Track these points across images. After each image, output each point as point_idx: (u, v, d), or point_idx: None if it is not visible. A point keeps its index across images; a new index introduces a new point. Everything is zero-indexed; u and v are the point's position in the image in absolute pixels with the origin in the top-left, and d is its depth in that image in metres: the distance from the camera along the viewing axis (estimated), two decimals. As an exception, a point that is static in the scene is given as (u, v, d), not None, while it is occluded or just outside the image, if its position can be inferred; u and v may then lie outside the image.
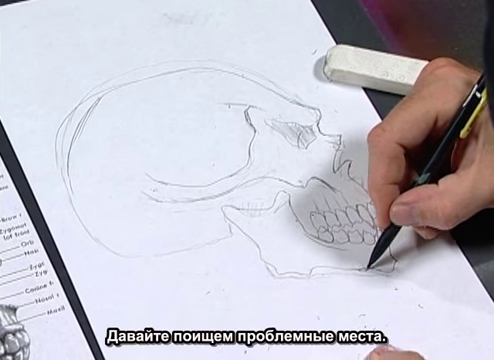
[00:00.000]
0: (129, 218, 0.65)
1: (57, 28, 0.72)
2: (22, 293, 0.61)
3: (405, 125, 0.63)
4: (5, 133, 0.67)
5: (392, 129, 0.63)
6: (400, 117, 0.63)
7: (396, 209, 0.63)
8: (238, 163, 0.68)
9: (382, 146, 0.63)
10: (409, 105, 0.63)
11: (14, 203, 0.64)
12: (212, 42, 0.73)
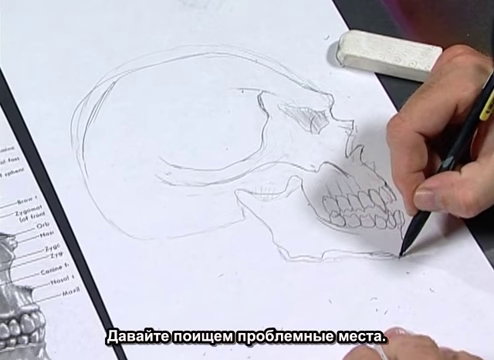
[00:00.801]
0: (143, 201, 0.65)
1: (72, 13, 0.72)
2: (38, 274, 0.62)
3: (425, 114, 0.63)
4: (21, 116, 0.67)
5: (411, 118, 0.63)
6: (419, 106, 0.63)
7: (419, 194, 0.63)
8: (251, 147, 0.68)
9: (402, 136, 0.63)
10: (429, 94, 0.63)
11: (30, 185, 0.65)
12: (226, 27, 0.73)
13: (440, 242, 0.66)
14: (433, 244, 0.66)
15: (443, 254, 0.66)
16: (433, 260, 0.65)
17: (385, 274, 0.64)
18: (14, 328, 0.60)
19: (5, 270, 0.61)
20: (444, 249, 0.66)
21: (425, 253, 0.66)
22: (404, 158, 0.63)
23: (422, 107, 0.63)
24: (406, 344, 0.59)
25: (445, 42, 0.72)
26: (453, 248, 0.66)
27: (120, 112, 0.68)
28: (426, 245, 0.66)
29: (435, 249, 0.66)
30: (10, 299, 0.61)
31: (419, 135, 0.63)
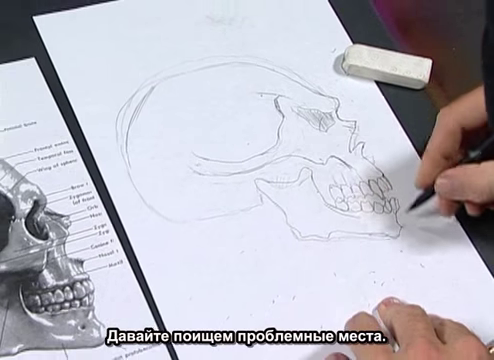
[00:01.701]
0: (177, 188, 0.65)
1: (119, 28, 0.72)
2: (88, 249, 0.62)
3: (468, 109, 0.63)
4: (75, 116, 0.67)
5: (457, 109, 0.63)
6: (467, 101, 0.63)
7: (441, 181, 0.63)
8: (269, 143, 0.68)
9: (445, 122, 0.64)
10: (477, 94, 0.62)
11: (81, 174, 0.65)
12: (247, 41, 0.73)
13: (430, 227, 0.66)
14: (424, 229, 0.66)
15: (433, 237, 0.66)
16: (423, 241, 0.65)
17: (382, 251, 0.65)
18: (68, 294, 0.60)
19: (60, 245, 0.62)
20: (434, 233, 0.66)
21: (416, 235, 0.65)
22: (439, 139, 0.64)
23: (468, 103, 0.63)
24: (400, 312, 0.59)
25: (434, 55, 0.72)
26: (442, 232, 0.66)
27: (158, 113, 0.69)
28: (418, 229, 0.66)
29: (426, 233, 0.66)
30: (65, 269, 0.61)
31: (458, 125, 0.63)
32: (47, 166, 0.65)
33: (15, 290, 0.60)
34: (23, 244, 0.61)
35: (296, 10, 0.75)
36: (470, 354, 0.54)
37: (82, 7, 0.72)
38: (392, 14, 0.76)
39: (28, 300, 0.59)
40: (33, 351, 0.58)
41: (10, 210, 0.62)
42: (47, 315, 0.59)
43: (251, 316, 0.61)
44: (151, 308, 0.60)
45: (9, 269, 0.60)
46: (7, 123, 0.66)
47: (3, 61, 0.68)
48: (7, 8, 0.70)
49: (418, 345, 0.54)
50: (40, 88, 0.68)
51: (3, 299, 0.59)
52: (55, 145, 0.66)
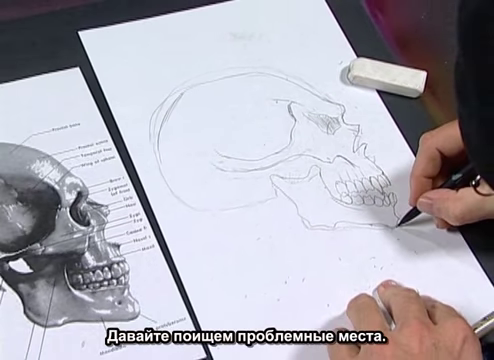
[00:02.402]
0: (202, 182, 0.66)
1: (153, 42, 0.72)
2: (124, 234, 0.62)
3: (447, 138, 0.62)
4: (113, 117, 0.67)
5: (437, 137, 0.63)
6: (446, 131, 0.63)
7: (422, 200, 0.63)
8: (282, 144, 0.68)
9: (426, 148, 0.63)
10: (455, 125, 0.60)
11: (119, 169, 0.65)
12: (264, 54, 0.73)
13: (425, 221, 0.65)
14: (419, 222, 0.65)
15: (427, 229, 0.65)
16: (418, 232, 0.65)
17: (381, 240, 0.65)
18: (106, 274, 0.60)
19: (100, 231, 0.62)
20: (427, 226, 0.65)
21: (412, 227, 0.65)
22: (422, 164, 0.63)
23: (447, 132, 0.62)
24: (397, 294, 0.59)
25: (429, 68, 0.72)
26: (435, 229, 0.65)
27: (185, 116, 0.69)
28: (414, 222, 0.65)
29: (420, 225, 0.65)
30: (104, 252, 0.61)
31: (438, 151, 0.63)
32: (89, 162, 0.65)
33: (61, 270, 0.60)
34: (68, 230, 0.62)
35: (307, 27, 0.75)
36: (457, 334, 0.54)
37: (121, 23, 0.72)
38: (392, 32, 0.76)
39: (72, 279, 0.60)
40: (76, 323, 0.58)
41: (57, 200, 0.63)
42: (88, 292, 0.60)
43: (265, 295, 0.61)
44: (178, 286, 0.60)
45: (56, 251, 0.61)
46: (55, 124, 0.66)
47: (52, 70, 0.68)
48: (56, 24, 0.71)
49: (412, 325, 0.55)
50: (83, 94, 0.68)
51: (50, 278, 0.60)
52: (96, 143, 0.66)
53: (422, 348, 0.53)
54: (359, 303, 0.59)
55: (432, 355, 0.53)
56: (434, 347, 0.54)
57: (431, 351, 0.53)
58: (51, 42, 0.70)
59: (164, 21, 0.73)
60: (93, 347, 0.57)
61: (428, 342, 0.54)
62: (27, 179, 0.63)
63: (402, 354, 0.53)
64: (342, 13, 0.75)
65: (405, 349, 0.53)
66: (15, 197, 0.62)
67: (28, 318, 0.58)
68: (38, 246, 0.60)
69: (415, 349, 0.53)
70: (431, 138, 0.63)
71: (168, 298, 0.60)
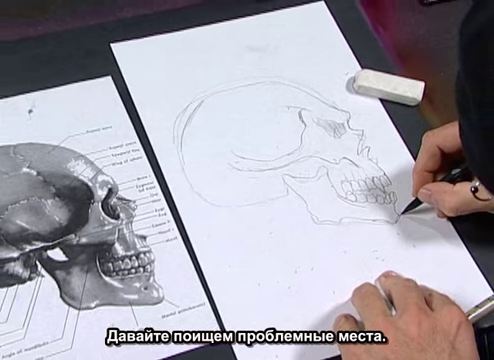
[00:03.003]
0: (220, 180, 0.65)
1: (177, 53, 0.72)
2: (150, 227, 0.62)
3: (447, 136, 0.62)
4: (141, 121, 0.67)
5: (438, 135, 0.62)
6: (447, 129, 0.62)
7: (422, 191, 0.63)
8: (293, 146, 0.68)
9: (428, 145, 0.63)
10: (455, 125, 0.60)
11: (145, 168, 0.65)
12: (278, 65, 0.72)
13: (423, 218, 0.65)
14: (417, 219, 0.65)
15: (424, 226, 0.65)
16: (416, 228, 0.65)
17: (383, 234, 0.64)
18: (134, 262, 0.60)
19: (129, 223, 0.62)
20: (425, 223, 0.65)
21: (411, 222, 0.65)
22: (423, 159, 0.63)
23: (448, 131, 0.62)
24: (397, 283, 0.59)
25: (426, 78, 0.72)
26: (431, 223, 0.65)
27: (206, 120, 0.68)
28: (412, 218, 0.65)
29: (419, 221, 0.65)
30: (132, 243, 0.61)
31: (438, 149, 0.62)
32: (119, 161, 0.65)
33: (93, 258, 0.60)
34: (100, 222, 0.62)
35: (316, 41, 0.74)
36: (453, 319, 0.54)
37: (148, 37, 0.72)
38: (393, 46, 0.75)
39: (103, 266, 0.60)
40: (106, 306, 0.58)
41: (90, 195, 0.63)
42: (117, 278, 0.60)
43: (278, 283, 0.61)
44: (198, 274, 0.60)
45: (89, 242, 0.61)
46: (89, 127, 0.66)
47: (86, 78, 0.68)
48: (90, 38, 0.71)
49: (411, 311, 0.55)
50: (115, 100, 0.68)
51: (84, 265, 0.60)
52: (125, 145, 0.66)
53: (420, 332, 0.53)
54: (363, 291, 0.59)
55: (430, 338, 0.53)
56: (431, 331, 0.53)
57: (429, 334, 0.53)
58: (86, 54, 0.70)
59: (187, 35, 0.73)
60: (122, 327, 0.57)
61: (426, 326, 0.54)
62: (64, 176, 0.63)
63: (402, 337, 0.53)
64: (348, 29, 0.75)
65: (405, 333, 0.53)
66: (53, 193, 0.62)
67: (64, 301, 0.58)
68: (73, 237, 0.61)
69: (414, 332, 0.53)
70: (432, 136, 0.63)
71: (189, 285, 0.60)
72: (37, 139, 0.65)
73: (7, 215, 0.61)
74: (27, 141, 0.65)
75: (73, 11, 0.72)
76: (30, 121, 0.66)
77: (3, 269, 0.59)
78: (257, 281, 0.61)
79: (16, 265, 0.59)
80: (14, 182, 0.62)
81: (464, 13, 0.74)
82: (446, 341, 0.53)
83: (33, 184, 0.62)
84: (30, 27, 0.70)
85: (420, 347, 0.52)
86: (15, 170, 0.63)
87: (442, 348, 0.53)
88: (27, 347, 0.56)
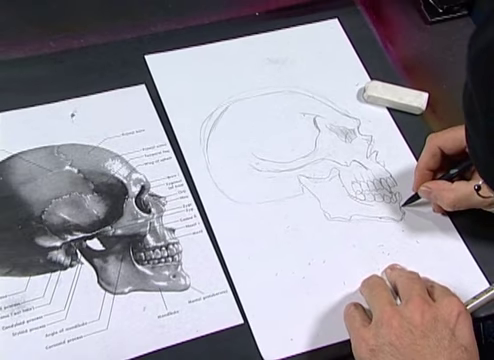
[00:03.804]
0: (242, 180, 0.65)
1: (205, 64, 0.71)
2: (178, 221, 0.62)
3: (448, 139, 0.61)
4: (171, 126, 0.67)
5: (440, 138, 0.62)
6: (448, 133, 0.62)
7: (422, 188, 0.62)
8: (308, 149, 0.67)
9: (430, 145, 0.62)
10: (456, 129, 0.62)
11: (174, 167, 0.65)
12: (295, 76, 0.72)
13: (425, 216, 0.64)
14: (421, 217, 0.64)
15: (427, 224, 0.64)
16: (419, 224, 0.64)
17: (388, 230, 0.63)
18: (163, 252, 0.60)
19: (159, 217, 0.62)
20: (428, 221, 0.64)
21: (415, 220, 0.64)
22: (425, 158, 0.62)
23: (449, 134, 0.62)
24: (401, 275, 0.58)
25: (430, 89, 0.71)
26: (433, 221, 0.64)
27: (229, 125, 0.68)
28: (416, 216, 0.64)
29: (422, 219, 0.64)
30: (162, 235, 0.61)
31: (439, 149, 0.62)
32: (151, 161, 0.65)
33: (127, 248, 0.60)
34: (133, 216, 0.61)
35: (330, 55, 0.74)
36: (453, 309, 0.54)
37: (178, 49, 0.71)
38: (400, 60, 0.74)
39: (136, 256, 0.60)
40: (139, 292, 0.58)
41: (125, 191, 0.63)
42: (149, 267, 0.59)
43: (293, 273, 0.60)
44: (222, 264, 0.60)
45: (123, 233, 0.61)
46: (124, 130, 0.66)
47: (122, 86, 0.68)
48: (127, 50, 0.70)
49: (415, 301, 0.54)
50: (148, 106, 0.68)
51: (119, 254, 0.60)
52: (157, 146, 0.66)
53: (423, 320, 0.53)
54: (370, 282, 0.59)
55: (432, 326, 0.53)
56: (433, 320, 0.53)
57: (431, 323, 0.53)
58: (123, 64, 0.70)
59: (214, 48, 0.72)
60: (152, 311, 0.57)
61: (428, 316, 0.53)
62: (101, 174, 0.63)
63: (406, 325, 0.53)
64: (359, 44, 0.74)
65: (409, 321, 0.53)
66: (92, 189, 0.62)
67: (101, 287, 0.58)
68: (109, 228, 0.61)
69: (418, 321, 0.53)
70: (435, 138, 0.62)
71: (213, 274, 0.60)
72: (78, 140, 0.65)
73: (51, 208, 0.61)
74: (69, 142, 0.65)
75: (112, 26, 0.72)
76: (72, 124, 0.66)
77: (47, 257, 0.59)
78: (274, 271, 0.60)
79: (59, 253, 0.59)
80: (57, 179, 0.62)
81: (464, 32, 0.75)
82: (446, 329, 0.53)
83: (74, 181, 0.62)
84: (74, 40, 0.70)
85: (423, 334, 0.52)
86: (58, 168, 0.63)
87: (443, 335, 0.52)
88: (68, 327, 0.56)
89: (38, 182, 0.62)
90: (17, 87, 0.66)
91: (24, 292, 0.57)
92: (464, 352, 0.52)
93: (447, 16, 0.76)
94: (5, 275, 0.57)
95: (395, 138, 0.69)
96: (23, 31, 0.70)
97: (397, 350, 0.52)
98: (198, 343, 0.56)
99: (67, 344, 0.55)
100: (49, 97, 0.66)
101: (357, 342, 0.54)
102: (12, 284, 0.57)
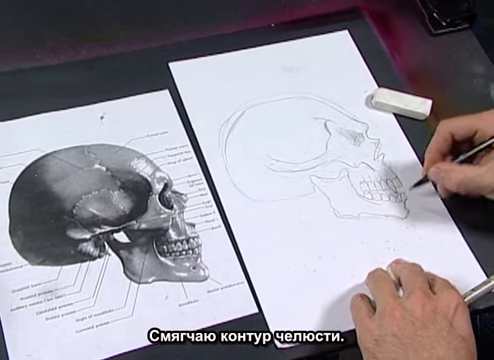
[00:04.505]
0: (257, 179, 0.64)
1: (224, 71, 0.71)
2: (198, 216, 0.62)
3: (459, 125, 0.61)
4: (192, 128, 0.67)
5: (452, 123, 0.62)
6: (460, 120, 0.62)
7: (432, 169, 0.62)
8: (320, 151, 0.67)
9: (442, 130, 0.62)
10: (467, 117, 0.61)
11: (195, 167, 0.64)
12: (308, 83, 0.71)
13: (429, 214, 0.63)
14: (424, 214, 0.63)
15: (429, 221, 0.63)
16: (422, 222, 0.63)
17: (394, 228, 0.63)
18: (184, 245, 0.60)
19: (181, 213, 0.61)
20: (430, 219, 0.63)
21: (418, 217, 0.63)
22: (436, 142, 0.62)
23: (460, 121, 0.61)
24: (405, 268, 0.58)
25: (434, 97, 0.70)
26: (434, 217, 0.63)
27: (246, 128, 0.67)
28: (420, 214, 0.63)
29: (425, 217, 0.63)
30: (183, 229, 0.61)
31: (450, 134, 0.61)
32: (173, 161, 0.65)
33: (151, 241, 0.60)
34: (157, 211, 0.61)
35: (340, 64, 0.73)
36: (451, 302, 0.53)
37: (199, 58, 0.71)
38: (405, 69, 0.73)
39: (159, 248, 0.60)
40: (161, 282, 0.58)
41: (149, 189, 0.63)
42: (171, 259, 0.59)
43: (304, 266, 0.60)
44: (238, 257, 0.60)
45: (147, 227, 0.61)
46: (149, 131, 0.66)
47: (147, 91, 0.68)
48: (152, 57, 0.70)
49: (416, 294, 0.54)
50: (171, 109, 0.67)
51: (143, 247, 0.59)
52: (179, 147, 0.65)
53: (424, 312, 0.52)
54: (376, 275, 0.58)
55: (431, 318, 0.52)
56: (433, 312, 0.53)
57: (431, 315, 0.52)
58: (148, 70, 0.69)
59: (233, 56, 0.72)
60: (174, 300, 0.57)
61: (428, 308, 0.53)
62: (128, 172, 0.63)
63: (408, 317, 0.52)
64: (367, 54, 0.73)
65: (410, 313, 0.52)
66: (119, 185, 0.62)
67: (126, 276, 0.58)
68: (134, 223, 0.60)
69: (418, 313, 0.52)
70: (448, 123, 0.62)
71: (230, 266, 0.59)
72: (107, 141, 0.65)
73: (81, 203, 0.61)
74: (98, 142, 0.65)
75: (138, 35, 0.71)
76: (101, 126, 0.66)
77: (77, 248, 0.59)
78: (287, 264, 0.60)
79: (88, 245, 0.59)
80: (87, 176, 0.62)
81: (465, 43, 0.74)
82: (445, 320, 0.52)
83: (103, 178, 0.62)
84: (103, 48, 0.70)
85: (423, 325, 0.52)
86: (88, 166, 0.63)
87: (442, 326, 0.52)
88: (96, 313, 0.56)
89: (70, 179, 0.62)
90: (52, 91, 0.67)
91: (56, 280, 0.57)
92: (461, 342, 0.51)
93: (450, 29, 0.76)
94: (39, 264, 0.58)
95: (401, 142, 0.68)
96: (58, 40, 0.70)
97: (399, 340, 0.51)
98: (216, 330, 0.56)
99: (95, 329, 0.55)
100: (81, 101, 0.66)
101: (362, 332, 0.54)
102: (46, 273, 0.57)
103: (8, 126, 0.64)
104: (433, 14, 0.76)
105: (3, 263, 0.57)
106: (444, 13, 0.75)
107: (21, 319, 0.55)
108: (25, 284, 0.56)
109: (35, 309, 0.56)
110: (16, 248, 0.58)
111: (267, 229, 0.62)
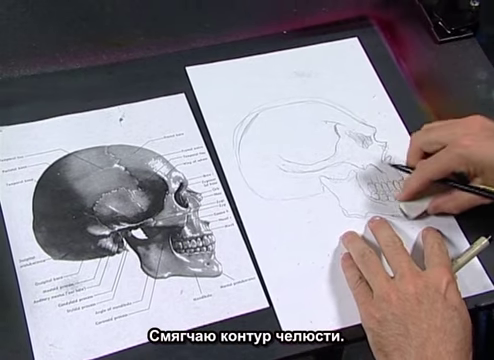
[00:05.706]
0: (269, 179, 0.64)
1: (238, 75, 0.70)
2: (212, 215, 0.61)
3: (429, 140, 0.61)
4: (207, 130, 0.66)
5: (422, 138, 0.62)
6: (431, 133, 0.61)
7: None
8: (329, 153, 0.66)
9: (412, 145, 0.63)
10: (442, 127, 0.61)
11: (210, 167, 0.64)
12: (319, 88, 0.70)
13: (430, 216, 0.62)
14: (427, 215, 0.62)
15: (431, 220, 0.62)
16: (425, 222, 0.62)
17: (400, 226, 0.62)
18: (199, 242, 0.60)
19: (195, 211, 0.61)
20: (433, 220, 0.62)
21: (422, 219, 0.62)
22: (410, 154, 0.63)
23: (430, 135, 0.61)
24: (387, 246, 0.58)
25: (438, 102, 0.69)
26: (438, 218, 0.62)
27: (259, 130, 0.67)
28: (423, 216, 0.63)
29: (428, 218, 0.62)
30: (198, 227, 0.60)
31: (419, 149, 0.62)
32: (189, 161, 0.64)
33: (167, 238, 0.59)
34: (173, 209, 0.61)
35: (350, 70, 0.72)
36: (442, 277, 0.54)
37: (215, 62, 0.70)
38: (412, 75, 0.72)
39: (174, 245, 0.59)
40: (177, 277, 0.58)
41: (165, 188, 0.62)
42: (186, 255, 0.59)
43: (313, 263, 0.59)
44: (250, 254, 0.59)
45: (164, 224, 0.60)
46: (166, 133, 0.65)
47: (165, 94, 0.67)
48: (170, 62, 0.70)
49: (406, 275, 0.55)
50: (187, 112, 0.67)
51: (159, 243, 0.59)
52: (194, 148, 0.65)
53: (417, 289, 0.54)
54: (365, 260, 0.57)
55: (424, 292, 0.54)
56: (425, 288, 0.54)
57: (423, 290, 0.54)
58: (165, 75, 0.69)
59: (247, 61, 0.71)
60: (189, 294, 0.57)
61: (420, 284, 0.54)
62: (145, 172, 0.63)
63: (403, 296, 0.53)
64: (376, 60, 0.73)
65: (405, 292, 0.54)
66: (136, 184, 0.62)
67: (143, 271, 0.57)
68: (151, 220, 0.60)
69: (412, 290, 0.54)
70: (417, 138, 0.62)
71: (242, 262, 0.59)
72: (125, 142, 0.64)
73: (101, 201, 0.60)
74: (118, 143, 0.64)
75: (156, 41, 0.71)
76: (120, 127, 0.65)
77: (97, 244, 0.58)
78: (297, 261, 0.59)
79: (107, 241, 0.59)
80: (107, 175, 0.62)
81: (470, 51, 0.73)
82: (438, 293, 0.53)
83: (121, 177, 0.62)
84: (123, 53, 0.70)
85: (417, 301, 0.53)
86: (108, 165, 0.63)
87: (434, 299, 0.53)
88: (115, 306, 0.56)
89: (90, 178, 0.62)
90: (74, 94, 0.66)
91: (77, 274, 0.57)
92: (454, 311, 0.53)
93: (455, 37, 0.75)
94: (61, 259, 0.57)
95: (407, 145, 0.66)
96: (80, 46, 0.70)
97: (398, 318, 0.53)
98: (229, 324, 0.55)
99: (114, 321, 0.55)
100: (101, 103, 0.66)
101: (365, 315, 0.55)
102: (67, 267, 0.57)
103: (33, 127, 0.64)
104: (438, 23, 0.75)
105: (27, 257, 0.57)
106: (449, 22, 0.75)
107: (44, 311, 0.55)
108: (48, 277, 0.56)
109: (57, 301, 0.55)
110: (39, 243, 0.58)
111: (278, 227, 0.61)
